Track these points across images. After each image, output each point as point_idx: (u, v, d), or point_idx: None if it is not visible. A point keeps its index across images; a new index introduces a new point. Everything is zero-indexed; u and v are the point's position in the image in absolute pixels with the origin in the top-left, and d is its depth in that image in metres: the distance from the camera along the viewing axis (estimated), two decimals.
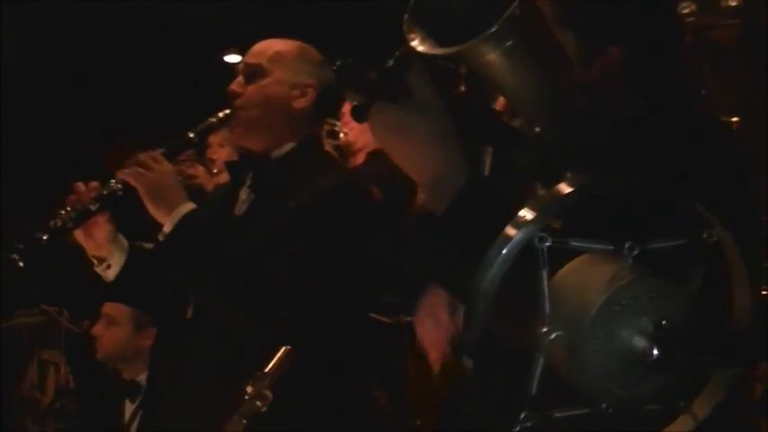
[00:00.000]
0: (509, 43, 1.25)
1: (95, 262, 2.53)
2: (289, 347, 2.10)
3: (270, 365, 2.07)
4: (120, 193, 2.40)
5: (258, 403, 2.04)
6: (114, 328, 3.78)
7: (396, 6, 1.36)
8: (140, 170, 2.38)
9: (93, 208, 2.39)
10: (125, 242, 2.54)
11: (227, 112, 2.51)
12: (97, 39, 5.76)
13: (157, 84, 5.92)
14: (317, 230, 2.37)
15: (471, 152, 1.41)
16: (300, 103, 2.54)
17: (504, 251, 1.14)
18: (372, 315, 3.72)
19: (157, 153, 2.44)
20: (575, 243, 1.14)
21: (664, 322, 1.12)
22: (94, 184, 2.43)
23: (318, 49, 2.63)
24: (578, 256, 1.18)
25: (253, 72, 2.52)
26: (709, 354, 1.18)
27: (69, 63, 5.85)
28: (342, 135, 4.51)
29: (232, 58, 6.87)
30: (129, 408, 3.74)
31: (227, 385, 2.33)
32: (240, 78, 2.54)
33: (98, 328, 3.80)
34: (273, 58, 2.54)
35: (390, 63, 1.31)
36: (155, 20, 5.72)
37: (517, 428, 1.14)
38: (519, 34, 1.24)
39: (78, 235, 2.44)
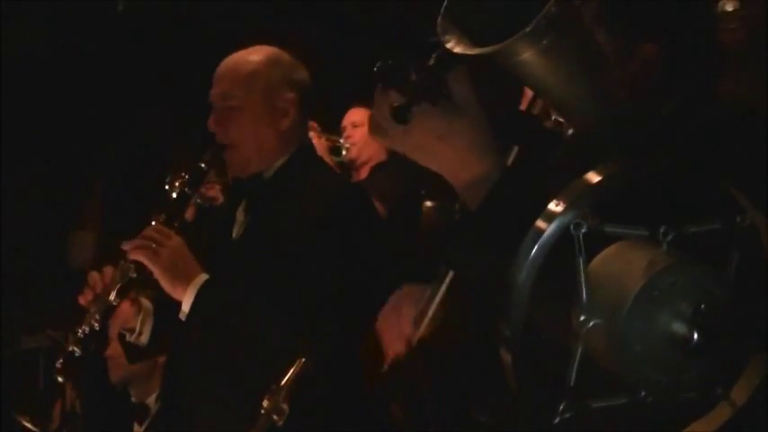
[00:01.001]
0: (545, 42, 1.24)
1: (126, 334, 2.54)
2: (304, 360, 2.08)
3: (286, 378, 2.05)
4: (134, 278, 2.39)
5: (275, 417, 2.02)
6: None
7: (432, 5, 1.35)
8: (154, 247, 2.34)
9: (114, 303, 2.40)
10: (149, 306, 2.55)
11: (212, 154, 2.46)
12: (102, 38, 5.74)
13: (171, 83, 5.82)
14: (319, 239, 2.33)
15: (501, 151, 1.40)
16: (285, 123, 2.49)
17: (538, 242, 1.13)
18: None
19: (162, 227, 2.39)
20: (610, 229, 1.13)
21: (703, 306, 1.11)
22: (109, 270, 2.41)
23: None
24: (612, 245, 1.17)
25: (229, 104, 2.45)
26: (748, 338, 1.17)
27: (70, 61, 5.83)
28: (344, 151, 4.51)
29: None
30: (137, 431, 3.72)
31: (239, 394, 2.34)
32: (216, 115, 2.47)
33: (113, 350, 3.77)
34: (245, 82, 2.47)
35: (432, 62, 1.30)
36: (166, 17, 5.68)
37: (556, 419, 1.13)
38: (555, 32, 1.23)
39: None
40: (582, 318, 1.11)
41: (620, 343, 1.10)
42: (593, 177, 1.18)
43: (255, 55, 2.51)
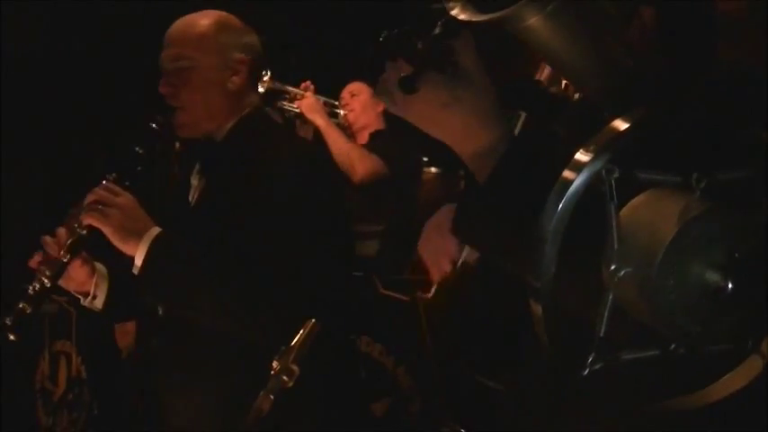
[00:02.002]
0: (550, 7, 1.21)
1: (81, 298, 2.52)
2: (314, 321, 2.05)
3: (295, 339, 2.02)
4: (85, 236, 2.34)
5: (285, 378, 1.99)
6: None
7: None
8: (102, 209, 2.30)
9: (65, 260, 2.35)
10: (104, 270, 2.53)
11: (166, 115, 2.43)
12: (106, 22, 5.70)
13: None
14: (276, 199, 2.29)
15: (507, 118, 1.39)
16: (236, 82, 2.46)
17: (567, 192, 1.10)
18: (388, 293, 3.70)
19: (112, 185, 2.35)
20: (642, 175, 1.10)
21: (737, 255, 1.08)
22: (61, 231, 2.38)
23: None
24: (642, 193, 1.14)
25: (179, 66, 2.43)
26: None
27: (70, 60, 5.80)
28: (342, 114, 4.51)
29: None
30: None
31: (212, 372, 2.34)
32: (167, 77, 2.45)
33: None
34: (196, 43, 2.44)
35: (437, 31, 1.28)
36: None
37: (585, 371, 1.10)
38: None
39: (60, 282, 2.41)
40: (613, 266, 1.08)
41: (652, 292, 1.07)
42: (622, 124, 1.15)
43: (205, 18, 2.49)
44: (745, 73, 1.38)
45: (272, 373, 2.00)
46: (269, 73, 4.36)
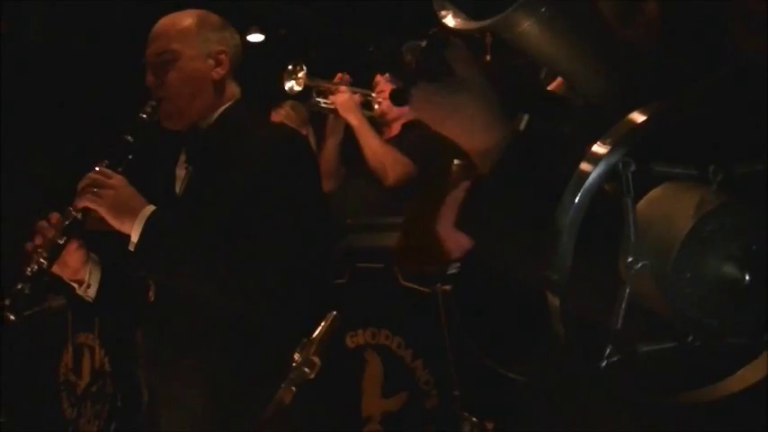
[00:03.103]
0: (543, 10, 1.20)
1: (76, 286, 2.58)
2: (335, 313, 2.07)
3: (317, 331, 2.04)
4: (80, 218, 2.43)
5: (306, 370, 2.01)
6: None
7: None
8: (95, 191, 2.40)
9: (60, 242, 2.43)
10: (97, 258, 2.60)
11: (153, 104, 2.52)
12: (112, 15, 5.73)
13: None
14: (259, 184, 2.38)
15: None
16: (218, 72, 2.57)
17: (584, 185, 1.11)
18: (409, 284, 3.69)
19: (104, 168, 2.45)
20: (658, 168, 1.10)
21: (753, 248, 1.08)
22: (55, 215, 2.46)
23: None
24: (658, 186, 1.14)
25: (165, 58, 2.53)
26: None
27: (69, 60, 5.83)
28: (376, 106, 4.45)
29: (255, 38, 6.76)
30: None
31: (206, 354, 2.40)
32: (152, 70, 2.54)
33: None
34: (179, 36, 2.55)
35: (424, 44, 1.28)
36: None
37: (603, 363, 1.11)
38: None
39: (54, 267, 2.47)
40: (630, 259, 1.09)
41: (669, 285, 1.07)
42: (639, 117, 1.15)
43: (187, 15, 2.61)
44: (761, 64, 1.38)
45: (294, 364, 2.02)
46: (304, 68, 4.36)
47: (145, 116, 2.51)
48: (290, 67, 4.53)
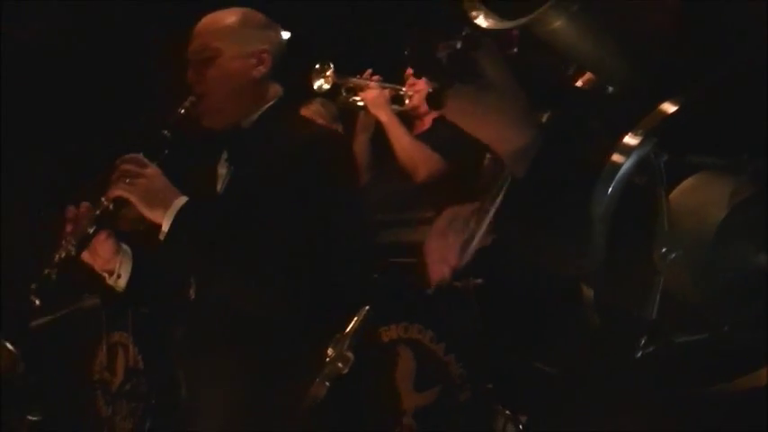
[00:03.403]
0: (575, 7, 1.20)
1: (106, 276, 2.58)
2: (368, 308, 2.08)
3: (350, 326, 2.05)
4: (111, 208, 2.43)
5: (340, 365, 2.02)
6: None
7: None
8: (129, 180, 2.39)
9: (90, 231, 2.44)
10: (128, 249, 2.60)
11: (193, 99, 2.50)
12: (112, 15, 5.73)
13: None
14: (301, 185, 2.37)
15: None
16: (260, 70, 2.53)
17: (617, 176, 1.11)
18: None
19: (140, 156, 2.44)
20: (690, 158, 1.10)
21: None
22: (85, 205, 2.46)
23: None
24: (690, 176, 1.14)
25: (206, 56, 2.52)
26: None
27: (69, 60, 5.85)
28: (407, 101, 4.43)
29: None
30: None
31: (242, 353, 2.38)
32: (193, 67, 2.53)
33: None
34: (221, 34, 2.53)
35: (459, 45, 1.28)
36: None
37: (638, 354, 1.11)
38: None
39: (85, 256, 2.49)
40: (663, 249, 1.09)
41: (703, 275, 1.08)
42: (670, 107, 1.15)
43: (231, 13, 2.59)
44: None
45: (327, 359, 2.03)
46: (332, 66, 4.36)
47: (183, 111, 2.50)
48: (317, 65, 4.53)
